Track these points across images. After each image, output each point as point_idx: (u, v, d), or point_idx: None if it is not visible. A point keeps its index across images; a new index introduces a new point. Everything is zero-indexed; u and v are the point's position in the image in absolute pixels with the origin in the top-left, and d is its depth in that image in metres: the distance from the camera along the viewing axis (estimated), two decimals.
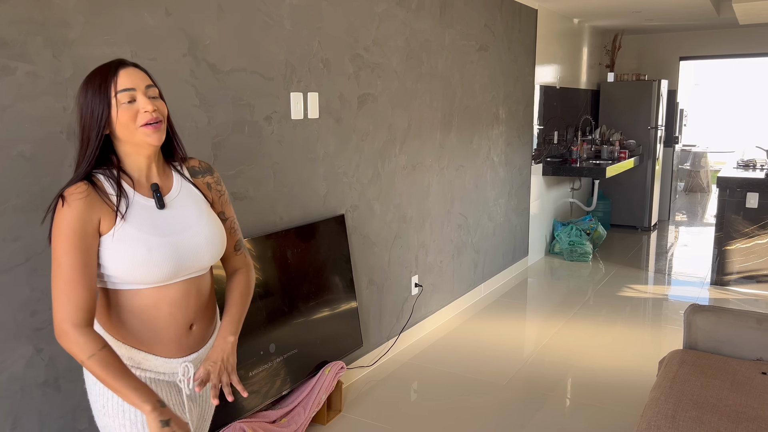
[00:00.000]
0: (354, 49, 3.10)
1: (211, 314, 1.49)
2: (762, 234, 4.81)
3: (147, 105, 1.27)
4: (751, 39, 6.96)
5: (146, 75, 1.31)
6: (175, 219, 1.36)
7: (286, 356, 2.66)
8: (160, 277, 1.31)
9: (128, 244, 1.28)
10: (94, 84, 1.27)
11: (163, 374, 1.41)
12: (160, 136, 1.31)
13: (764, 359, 2.51)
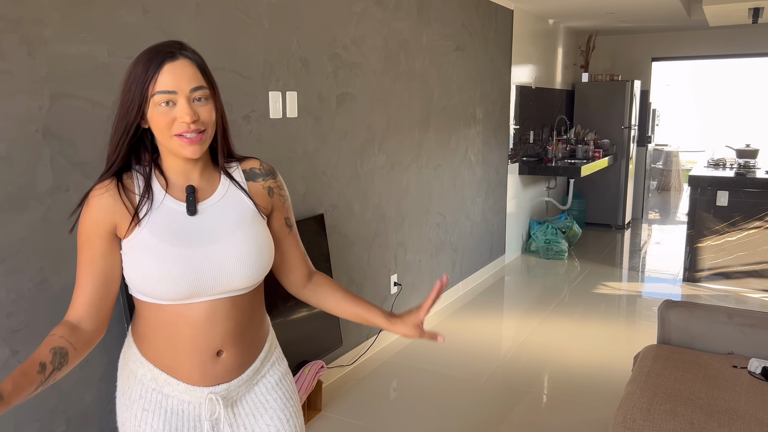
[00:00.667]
0: (332, 49, 3.10)
1: (253, 341, 1.27)
2: (732, 231, 4.92)
3: (185, 114, 1.08)
4: (721, 40, 7.11)
5: (197, 71, 1.11)
6: (205, 229, 1.17)
7: None
8: (171, 294, 1.13)
9: (141, 251, 1.13)
10: (137, 70, 1.09)
11: (187, 403, 1.22)
12: (198, 149, 1.12)
13: (735, 353, 2.57)
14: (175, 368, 1.20)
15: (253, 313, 1.26)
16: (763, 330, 2.52)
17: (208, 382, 1.21)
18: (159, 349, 1.20)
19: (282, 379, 1.34)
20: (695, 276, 5.09)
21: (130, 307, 2.10)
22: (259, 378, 1.30)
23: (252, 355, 1.27)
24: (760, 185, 4.77)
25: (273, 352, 1.34)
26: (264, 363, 1.31)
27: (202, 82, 1.11)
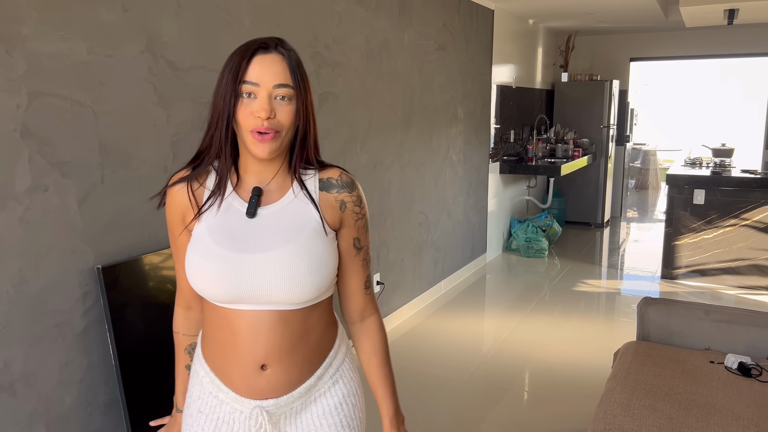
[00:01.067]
0: (314, 48, 3.10)
1: (306, 358, 1.17)
2: (708, 229, 5.00)
3: (261, 110, 1.05)
4: (697, 41, 7.22)
5: (287, 70, 1.07)
6: (259, 234, 1.12)
7: None
8: (214, 295, 1.10)
9: (194, 245, 1.12)
10: (233, 60, 1.07)
11: (239, 412, 1.18)
12: (268, 149, 1.07)
13: (712, 349, 2.62)
14: (226, 375, 1.16)
15: (308, 330, 1.16)
16: (739, 326, 2.57)
17: (254, 395, 1.15)
18: (214, 352, 1.17)
19: (343, 402, 1.23)
20: (673, 273, 5.16)
21: (111, 306, 2.08)
22: (317, 396, 1.21)
23: (305, 372, 1.17)
24: (735, 184, 4.85)
25: (338, 370, 1.23)
26: (321, 380, 1.20)
27: (288, 81, 1.07)
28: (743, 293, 4.78)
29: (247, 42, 1.09)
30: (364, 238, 1.22)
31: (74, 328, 2.04)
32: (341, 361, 1.24)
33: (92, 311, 2.09)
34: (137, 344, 2.18)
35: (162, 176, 2.33)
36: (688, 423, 1.99)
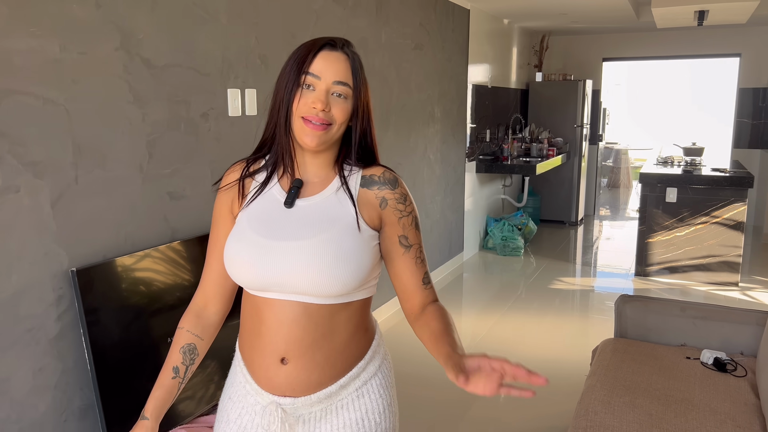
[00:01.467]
0: (292, 45, 3.07)
1: (328, 361, 1.15)
2: (680, 227, 5.09)
3: (318, 101, 1.09)
4: (668, 41, 7.35)
5: (348, 70, 1.11)
6: (293, 224, 1.13)
7: (223, 359, 2.60)
8: (243, 280, 1.13)
9: (234, 230, 1.17)
10: (300, 52, 1.12)
11: (261, 406, 1.17)
12: (316, 139, 1.10)
13: (687, 344, 2.66)
14: (252, 366, 1.18)
15: (333, 330, 1.14)
16: (714, 322, 2.61)
17: (273, 390, 1.15)
18: (245, 341, 1.19)
19: (364, 418, 1.18)
20: (646, 270, 5.24)
21: (86, 310, 2.03)
22: (339, 407, 1.17)
23: (326, 377, 1.15)
24: (706, 182, 4.94)
25: (365, 383, 1.19)
26: (345, 390, 1.17)
27: (347, 80, 1.11)
28: (714, 289, 4.88)
29: (314, 39, 1.13)
30: (413, 236, 1.19)
31: (48, 333, 1.98)
32: (371, 375, 1.20)
33: (66, 315, 2.04)
34: (113, 348, 2.13)
35: (138, 176, 2.28)
36: (667, 418, 2.01)
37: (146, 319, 2.25)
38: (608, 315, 4.31)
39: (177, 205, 2.47)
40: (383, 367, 1.24)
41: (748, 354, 2.55)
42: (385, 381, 1.23)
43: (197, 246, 2.49)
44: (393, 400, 1.24)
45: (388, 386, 1.23)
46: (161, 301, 2.31)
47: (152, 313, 2.27)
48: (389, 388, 1.24)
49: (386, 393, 1.22)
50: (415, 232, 1.20)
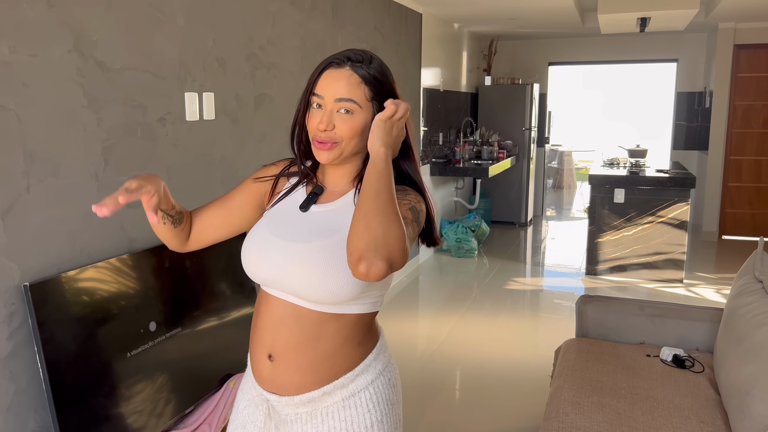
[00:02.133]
0: (249, 48, 3.00)
1: (311, 365, 1.17)
2: (628, 226, 5.25)
3: (321, 122, 1.14)
4: (611, 47, 7.58)
5: (354, 85, 1.13)
6: (303, 227, 1.19)
7: (188, 371, 2.51)
8: (246, 267, 1.22)
9: (256, 224, 1.27)
10: (312, 74, 1.18)
11: (255, 396, 1.26)
12: (326, 157, 1.15)
13: (646, 342, 2.73)
14: (252, 359, 1.26)
15: (319, 337, 1.16)
16: (671, 320, 2.69)
17: (263, 384, 1.22)
18: (251, 333, 1.26)
19: (349, 428, 1.18)
20: (596, 269, 5.38)
21: (40, 326, 1.91)
22: (324, 415, 1.19)
23: (309, 382, 1.17)
24: (651, 183, 5.12)
25: (353, 395, 1.19)
26: (329, 397, 1.19)
27: (352, 95, 1.13)
28: (660, 286, 5.05)
29: (331, 56, 1.18)
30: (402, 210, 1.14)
31: None
32: (361, 388, 1.20)
33: (19, 332, 1.92)
34: (69, 366, 2.02)
35: (93, 184, 2.17)
36: (635, 417, 2.06)
37: (104, 334, 2.14)
38: (563, 314, 4.39)
39: (134, 214, 2.37)
40: (377, 383, 1.22)
41: (704, 350, 2.64)
42: (377, 397, 1.21)
43: (156, 256, 2.40)
44: (385, 418, 1.22)
45: (381, 402, 1.22)
46: (120, 314, 2.21)
47: (110, 327, 2.17)
48: (381, 405, 1.22)
49: (376, 409, 1.21)
50: (406, 211, 1.14)
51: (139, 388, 2.26)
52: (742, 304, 2.25)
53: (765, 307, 2.11)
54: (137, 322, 2.28)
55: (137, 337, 2.27)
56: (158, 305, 2.38)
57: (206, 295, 2.65)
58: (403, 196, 1.19)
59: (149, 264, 2.36)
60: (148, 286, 2.34)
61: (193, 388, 2.53)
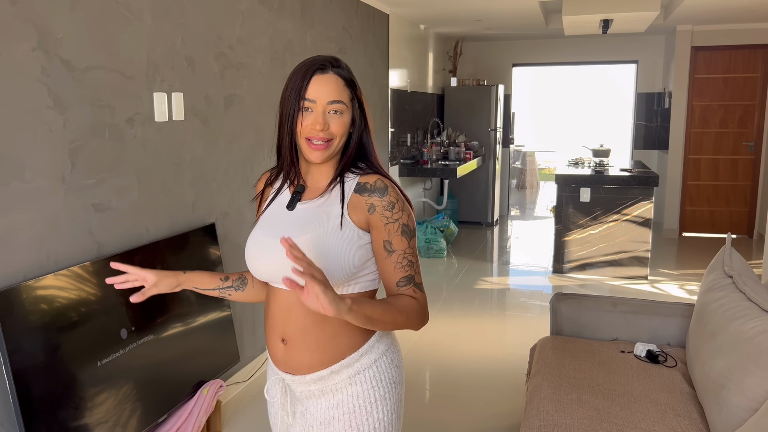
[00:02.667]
0: (218, 48, 2.94)
1: (319, 344, 1.28)
2: (594, 225, 5.34)
3: (316, 123, 1.23)
4: (573, 48, 7.71)
5: (340, 87, 1.25)
6: (291, 223, 1.30)
7: (161, 379, 2.44)
8: (254, 273, 1.34)
9: (252, 231, 1.37)
10: (295, 79, 1.25)
11: (272, 377, 1.41)
12: (321, 155, 1.26)
13: (620, 339, 2.77)
14: (268, 344, 1.37)
15: (325, 318, 1.27)
16: (643, 316, 2.74)
17: (279, 366, 1.35)
18: (265, 325, 1.37)
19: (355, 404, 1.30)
20: (563, 268, 5.46)
21: (6, 336, 1.83)
22: (333, 390, 1.32)
23: (318, 361, 1.29)
24: (615, 182, 5.21)
25: (358, 373, 1.31)
26: (337, 375, 1.31)
27: (341, 97, 1.25)
28: (626, 283, 5.15)
29: (305, 63, 1.25)
30: (398, 242, 1.27)
31: None
32: (365, 366, 1.32)
33: None
34: (38, 376, 1.94)
35: (60, 187, 2.09)
36: (614, 413, 2.08)
37: (74, 343, 2.07)
38: (534, 312, 4.44)
39: (103, 218, 2.29)
40: (380, 363, 1.34)
41: (675, 344, 2.69)
42: (380, 375, 1.33)
43: (126, 260, 2.32)
44: (388, 395, 1.34)
45: (384, 380, 1.33)
46: (89, 322, 2.13)
47: (80, 335, 2.09)
48: (385, 383, 1.34)
49: (379, 386, 1.33)
50: (401, 239, 1.27)
51: (111, 398, 2.19)
52: (714, 299, 2.30)
53: (736, 301, 2.16)
54: (108, 330, 2.20)
55: (108, 345, 2.20)
56: (129, 312, 2.31)
57: (178, 301, 2.58)
58: (389, 208, 1.26)
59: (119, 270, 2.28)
60: (118, 293, 2.26)
61: (166, 396, 2.46)
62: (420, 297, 1.29)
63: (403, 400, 1.41)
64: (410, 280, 1.28)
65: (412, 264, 1.28)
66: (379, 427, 1.32)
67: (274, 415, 1.45)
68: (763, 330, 1.88)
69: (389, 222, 1.26)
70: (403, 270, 1.28)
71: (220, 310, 2.87)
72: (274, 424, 1.45)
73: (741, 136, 6.76)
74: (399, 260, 1.27)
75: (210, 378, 2.74)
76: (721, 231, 6.99)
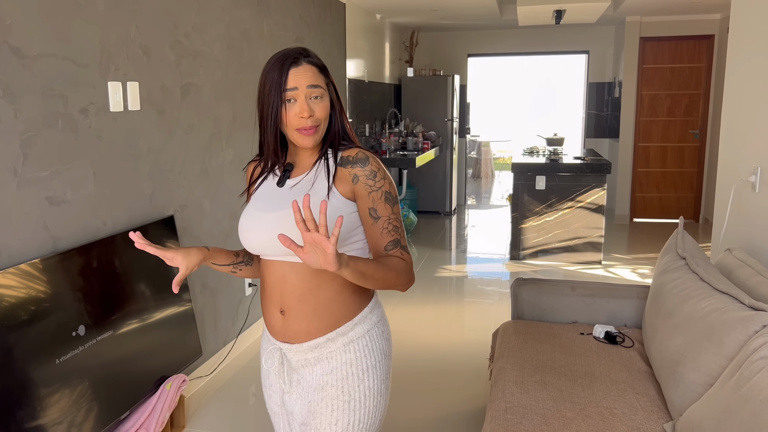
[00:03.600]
0: (174, 36, 2.87)
1: (315, 312, 1.36)
2: (549, 212, 5.45)
3: (303, 110, 1.30)
4: (527, 39, 7.82)
5: (316, 74, 1.32)
6: (282, 198, 1.37)
7: (122, 375, 2.39)
8: (247, 245, 1.39)
9: (245, 208, 1.43)
10: (273, 76, 1.31)
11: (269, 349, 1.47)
12: (311, 140, 1.34)
13: (579, 321, 2.85)
14: (265, 316, 1.44)
15: (319, 285, 1.35)
16: (601, 299, 2.82)
17: (277, 336, 1.42)
18: (261, 296, 1.44)
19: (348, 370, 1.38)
20: (520, 254, 5.56)
21: None
22: (328, 357, 1.38)
23: (315, 328, 1.37)
24: (569, 169, 5.33)
25: (352, 341, 1.39)
26: (333, 343, 1.38)
27: (318, 82, 1.32)
28: (581, 268, 5.28)
29: (278, 58, 1.32)
30: (382, 209, 1.35)
31: None
32: (358, 335, 1.40)
33: None
34: None
35: (11, 180, 2.01)
36: (576, 392, 2.13)
37: (30, 341, 2.00)
38: (492, 299, 4.51)
39: (58, 211, 2.22)
40: (372, 333, 1.42)
41: (632, 326, 2.78)
42: (372, 345, 1.41)
43: (83, 255, 2.26)
44: (379, 365, 1.42)
45: (375, 350, 1.42)
46: (45, 319, 2.07)
47: (36, 333, 2.03)
48: (376, 353, 1.42)
49: (371, 355, 1.41)
50: (385, 205, 1.36)
51: (70, 396, 2.13)
52: (669, 280, 2.38)
53: (690, 282, 2.24)
54: (65, 327, 2.14)
55: (66, 342, 2.14)
56: (87, 307, 2.25)
57: (138, 296, 2.53)
58: (371, 177, 1.35)
59: (76, 264, 2.22)
60: (75, 288, 2.20)
61: (129, 392, 2.41)
62: (407, 258, 1.37)
63: (390, 373, 1.48)
64: (397, 243, 1.36)
65: (397, 228, 1.37)
66: (369, 395, 1.40)
67: (269, 386, 1.50)
68: (716, 308, 1.96)
69: (373, 190, 1.35)
70: (389, 234, 1.36)
71: (181, 305, 2.82)
72: (269, 396, 1.51)
73: (687, 124, 7.00)
74: (385, 225, 1.35)
75: (172, 373, 2.70)
76: (669, 216, 7.24)
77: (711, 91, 6.85)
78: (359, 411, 1.38)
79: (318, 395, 1.39)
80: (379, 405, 1.42)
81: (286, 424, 1.50)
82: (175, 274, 2.77)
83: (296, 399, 1.44)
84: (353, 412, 1.38)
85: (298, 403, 1.44)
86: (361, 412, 1.39)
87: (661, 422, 1.95)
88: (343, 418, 1.37)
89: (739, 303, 1.92)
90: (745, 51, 2.93)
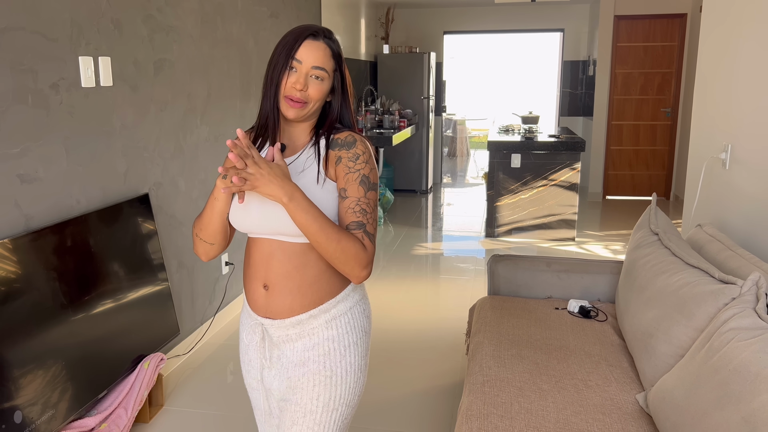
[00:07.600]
0: (146, 10, 2.80)
1: (300, 289, 1.38)
2: (524, 190, 5.50)
3: (298, 82, 1.32)
4: (503, 17, 7.81)
5: (327, 56, 1.34)
6: None
7: (99, 354, 2.37)
8: (237, 224, 1.39)
9: None
10: (288, 38, 1.33)
11: (252, 325, 1.47)
12: (295, 114, 1.34)
13: (553, 297, 2.89)
14: (247, 292, 1.45)
15: (305, 264, 1.37)
16: (575, 274, 2.87)
17: (259, 312, 1.42)
18: (244, 273, 1.45)
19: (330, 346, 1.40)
20: (496, 232, 5.61)
21: None
22: (310, 333, 1.40)
23: (298, 305, 1.38)
24: (544, 147, 5.38)
25: (334, 319, 1.41)
26: (315, 320, 1.40)
27: (325, 65, 1.33)
28: (555, 245, 5.36)
29: (300, 27, 1.34)
30: (352, 190, 1.35)
31: None
32: (341, 313, 1.42)
33: None
34: None
35: None
36: (551, 365, 2.18)
37: (3, 320, 1.97)
38: (468, 275, 4.56)
39: (30, 189, 2.18)
40: (354, 311, 1.45)
41: (605, 300, 2.84)
42: (354, 322, 1.44)
43: (57, 234, 2.22)
44: (360, 341, 1.45)
45: (356, 328, 1.45)
46: (20, 301, 2.04)
47: (10, 312, 2.00)
48: (357, 330, 1.45)
49: (353, 332, 1.44)
50: (358, 187, 1.35)
51: (44, 376, 2.11)
52: (641, 255, 2.43)
53: (662, 257, 2.29)
54: (39, 306, 2.11)
55: (41, 323, 2.11)
56: (62, 287, 2.22)
57: (113, 275, 2.50)
58: (353, 159, 1.36)
59: (50, 243, 2.18)
60: (49, 268, 2.17)
61: (107, 371, 2.40)
62: (368, 246, 1.34)
63: (369, 349, 1.51)
64: (361, 226, 1.34)
65: (365, 212, 1.34)
66: (350, 371, 1.42)
67: (248, 361, 1.51)
68: (687, 282, 2.01)
69: (350, 171, 1.35)
70: (354, 215, 1.34)
71: (157, 284, 2.80)
72: (248, 371, 1.52)
73: (659, 103, 7.09)
74: (351, 205, 1.34)
75: (150, 352, 2.69)
76: (641, 194, 7.35)
77: (683, 69, 6.94)
78: (340, 386, 1.41)
79: (299, 371, 1.41)
80: (359, 381, 1.45)
81: (264, 400, 1.52)
82: (150, 253, 2.75)
83: (275, 375, 1.45)
84: (335, 387, 1.40)
85: (276, 380, 1.45)
86: (343, 387, 1.41)
87: (633, 393, 2.01)
88: (325, 393, 1.40)
89: (710, 277, 1.97)
90: (717, 29, 2.97)
